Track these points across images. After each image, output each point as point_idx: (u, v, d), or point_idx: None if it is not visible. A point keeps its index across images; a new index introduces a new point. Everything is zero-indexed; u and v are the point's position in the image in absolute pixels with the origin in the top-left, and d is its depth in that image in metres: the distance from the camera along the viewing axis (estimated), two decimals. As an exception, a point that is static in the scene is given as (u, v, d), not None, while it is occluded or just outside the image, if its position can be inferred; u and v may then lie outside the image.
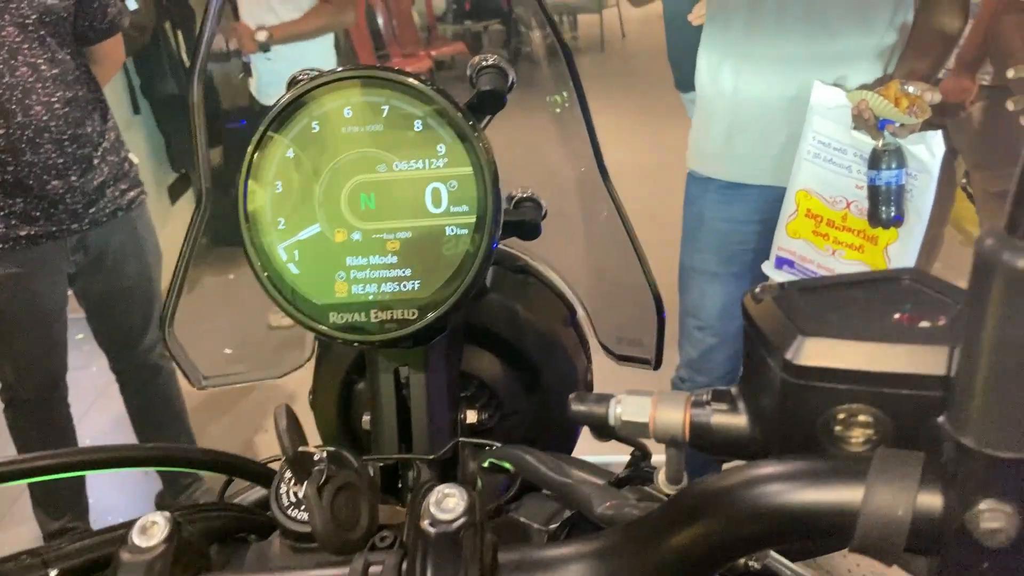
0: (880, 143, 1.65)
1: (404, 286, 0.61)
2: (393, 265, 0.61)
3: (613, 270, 0.80)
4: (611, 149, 0.70)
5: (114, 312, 2.41)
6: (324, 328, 0.61)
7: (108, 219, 2.24)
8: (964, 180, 3.32)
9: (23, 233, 2.12)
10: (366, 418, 0.68)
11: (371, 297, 0.61)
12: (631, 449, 0.55)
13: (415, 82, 0.59)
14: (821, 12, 1.72)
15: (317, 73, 0.65)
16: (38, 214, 2.12)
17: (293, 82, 0.66)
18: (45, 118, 2.05)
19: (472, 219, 0.60)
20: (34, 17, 2.01)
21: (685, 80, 2.00)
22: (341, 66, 0.61)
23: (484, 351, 0.75)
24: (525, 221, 0.65)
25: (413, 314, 0.60)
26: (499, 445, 0.63)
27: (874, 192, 1.67)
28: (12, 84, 2.00)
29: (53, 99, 2.06)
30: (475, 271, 0.60)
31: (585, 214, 0.81)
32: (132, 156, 2.35)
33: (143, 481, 2.90)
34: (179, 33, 3.99)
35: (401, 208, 0.60)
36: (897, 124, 1.62)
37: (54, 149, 2.08)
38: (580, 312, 0.80)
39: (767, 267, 1.91)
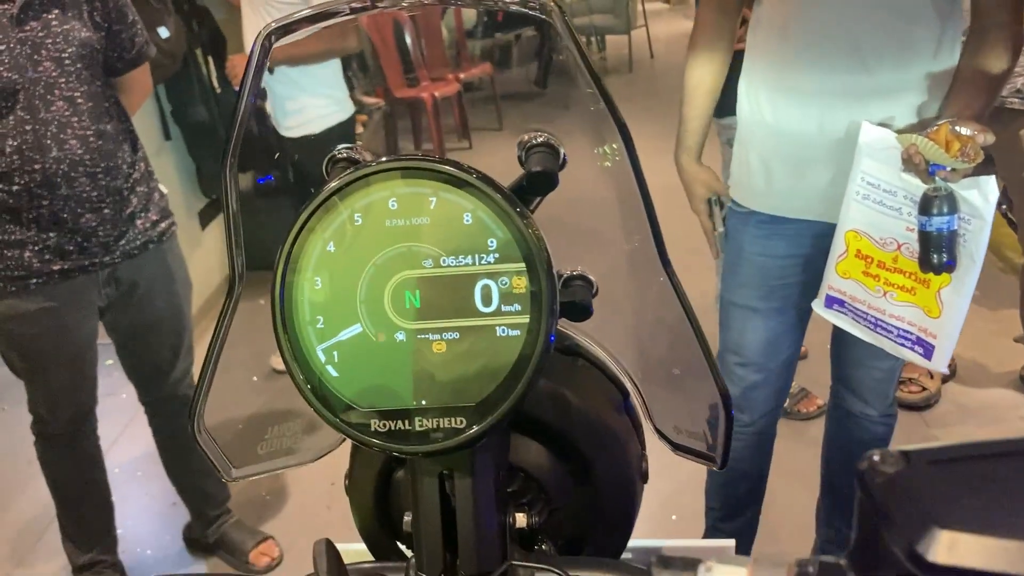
0: (931, 188, 1.59)
1: (451, 392, 0.56)
2: (440, 369, 0.56)
3: (669, 352, 0.75)
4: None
5: (144, 344, 2.40)
6: (364, 437, 0.57)
7: (139, 251, 2.23)
8: (1004, 206, 3.25)
9: (56, 268, 2.11)
10: (407, 519, 0.63)
11: (415, 404, 0.56)
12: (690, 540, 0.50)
13: (465, 174, 0.55)
14: (859, 46, 1.68)
15: (358, 159, 0.61)
16: (71, 248, 2.11)
17: (332, 162, 0.62)
18: (80, 152, 2.04)
19: (525, 319, 0.55)
20: (70, 51, 2.01)
21: (719, 105, 1.97)
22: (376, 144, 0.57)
23: (530, 440, 0.69)
24: (575, 303, 0.59)
25: (461, 423, 0.56)
26: (555, 572, 0.58)
27: (925, 238, 1.61)
28: (47, 119, 1.99)
29: (88, 132, 2.05)
30: (529, 376, 0.55)
31: (637, 284, 0.75)
32: (162, 187, 2.34)
33: (171, 514, 2.88)
34: (210, 60, 3.99)
35: (448, 307, 0.56)
36: (948, 169, 1.56)
37: (88, 182, 2.07)
38: (632, 393, 0.74)
39: (817, 305, 1.86)
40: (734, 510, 2.23)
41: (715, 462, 0.65)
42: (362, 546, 0.76)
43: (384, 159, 0.56)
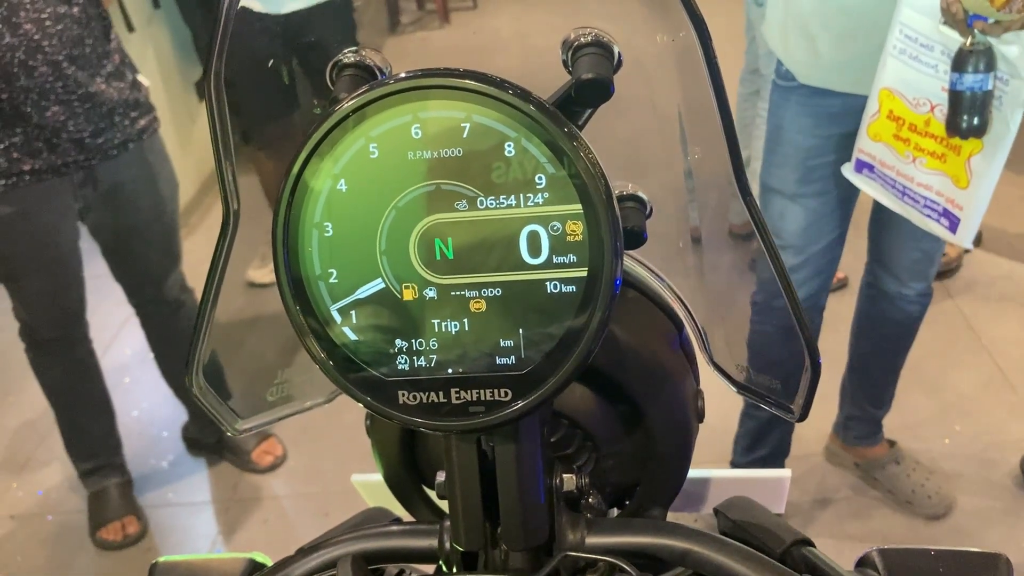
0: (968, 41, 1.46)
1: (494, 359, 0.47)
2: (479, 331, 0.47)
3: (732, 281, 0.65)
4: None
5: (131, 250, 2.29)
6: (391, 411, 0.48)
7: (118, 151, 2.09)
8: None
9: (26, 168, 1.98)
10: (440, 480, 0.55)
11: (450, 372, 0.47)
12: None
13: (506, 93, 0.44)
14: None
15: (370, 65, 0.50)
16: (40, 145, 1.97)
17: (337, 69, 0.51)
18: (36, 37, 1.87)
19: (583, 272, 0.45)
20: None
21: None
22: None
23: (575, 383, 0.61)
24: (627, 228, 0.50)
25: (506, 394, 0.47)
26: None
27: (956, 98, 1.49)
28: None
29: (43, 15, 1.88)
30: (588, 341, 0.46)
31: (698, 201, 0.65)
32: (142, 79, 2.18)
33: (172, 414, 2.82)
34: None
35: (489, 258, 0.46)
36: (990, 20, 1.43)
37: (50, 72, 1.91)
38: (687, 323, 0.65)
39: (846, 169, 1.78)
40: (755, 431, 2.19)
41: (792, 413, 0.56)
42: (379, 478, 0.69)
43: (403, 75, 0.45)
